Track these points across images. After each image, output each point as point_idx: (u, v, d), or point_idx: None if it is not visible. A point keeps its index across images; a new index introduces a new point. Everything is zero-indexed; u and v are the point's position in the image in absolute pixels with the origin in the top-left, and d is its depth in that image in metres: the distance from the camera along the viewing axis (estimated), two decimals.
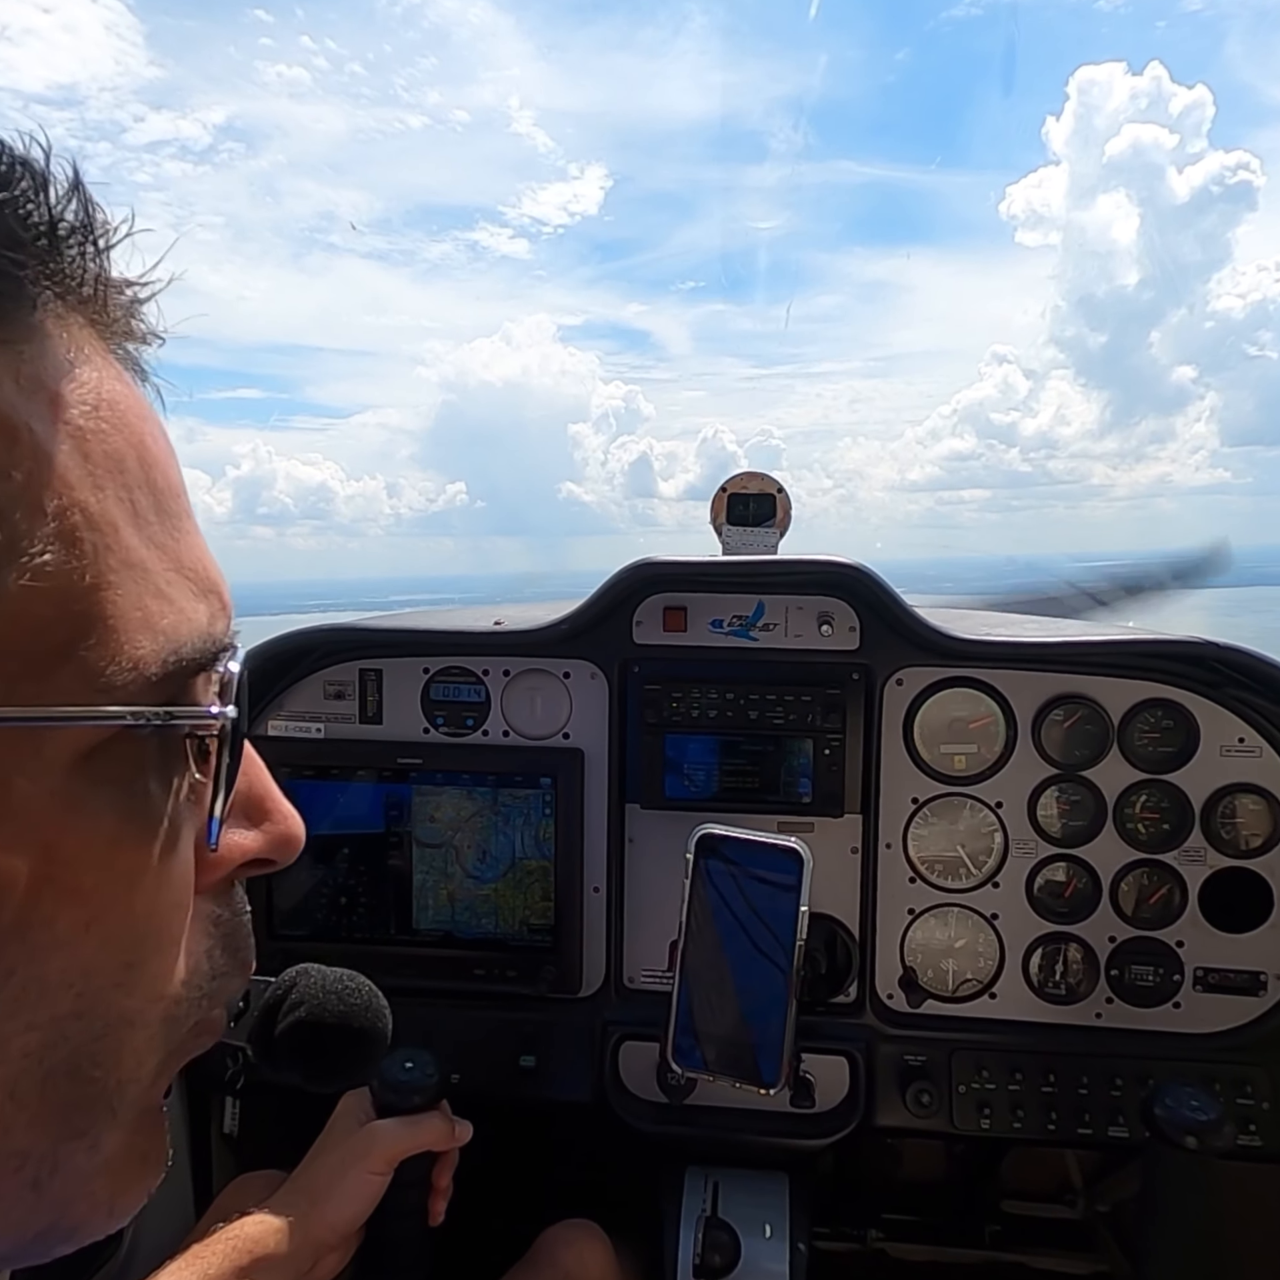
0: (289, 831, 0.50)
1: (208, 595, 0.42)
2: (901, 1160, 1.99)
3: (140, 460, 0.39)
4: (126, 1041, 0.41)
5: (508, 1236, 1.33)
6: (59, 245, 0.38)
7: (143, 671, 0.37)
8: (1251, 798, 1.43)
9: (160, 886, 0.41)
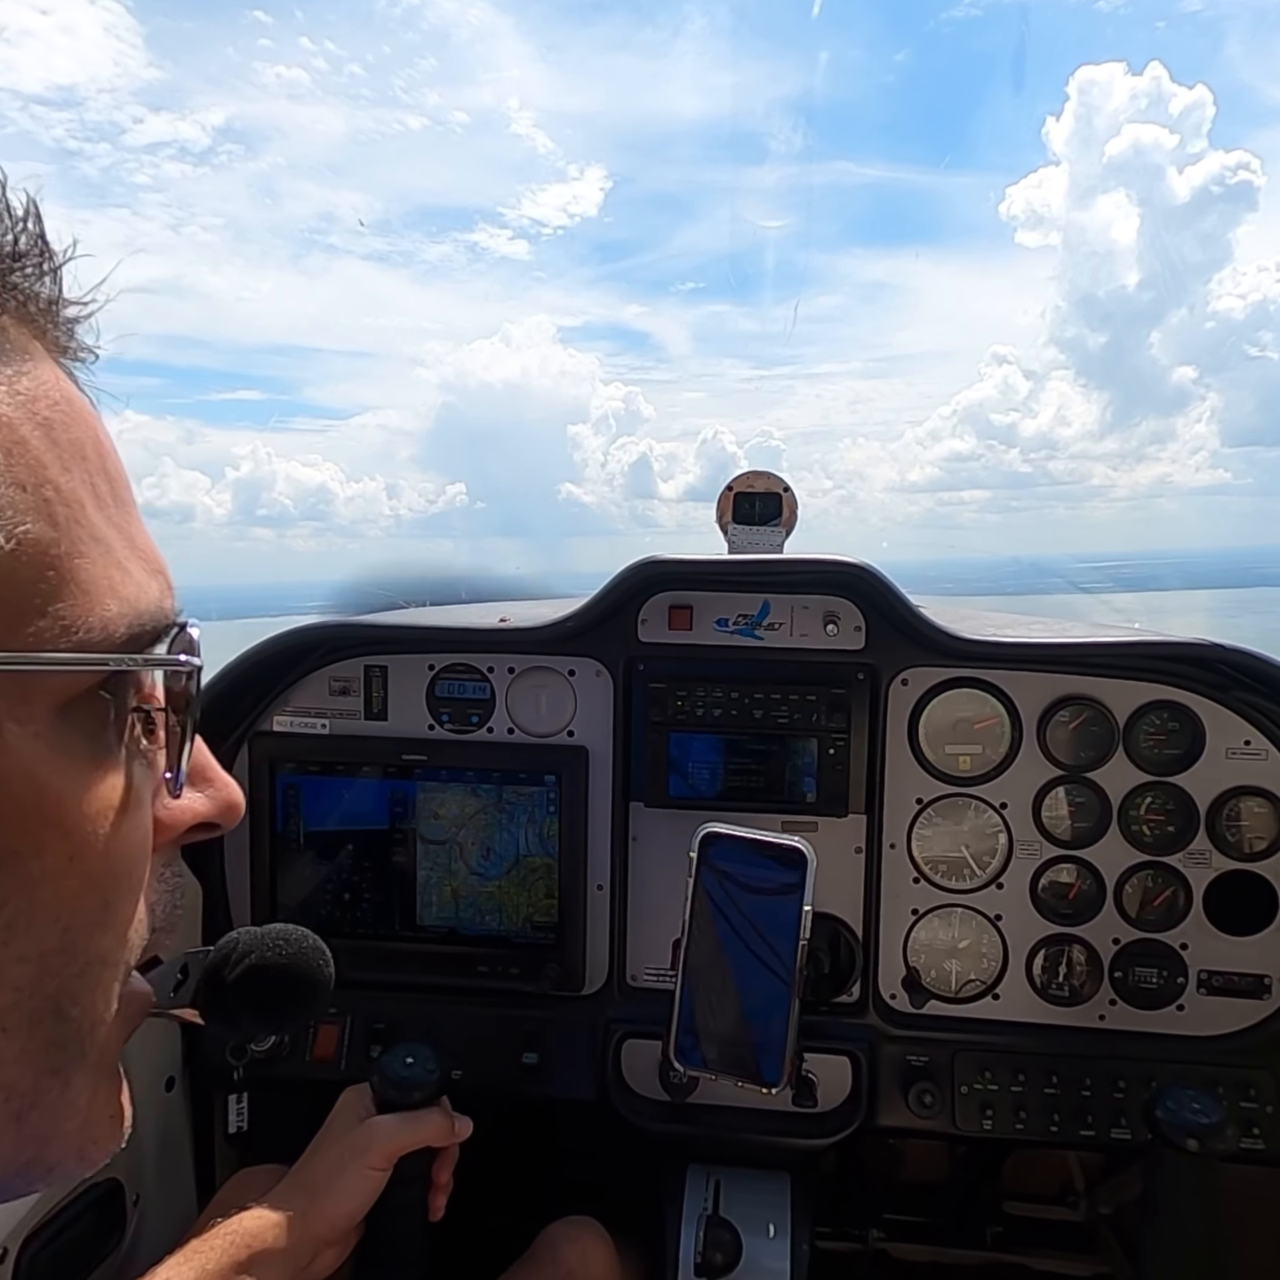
0: (230, 798, 0.54)
1: (156, 575, 0.46)
2: (903, 1161, 1.98)
3: (96, 450, 0.44)
4: (100, 981, 0.45)
5: (509, 1233, 1.33)
6: (15, 267, 0.43)
7: (110, 632, 0.42)
8: (1257, 800, 1.42)
9: (129, 831, 0.45)
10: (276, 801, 1.55)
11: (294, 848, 1.56)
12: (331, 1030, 1.53)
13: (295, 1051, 1.52)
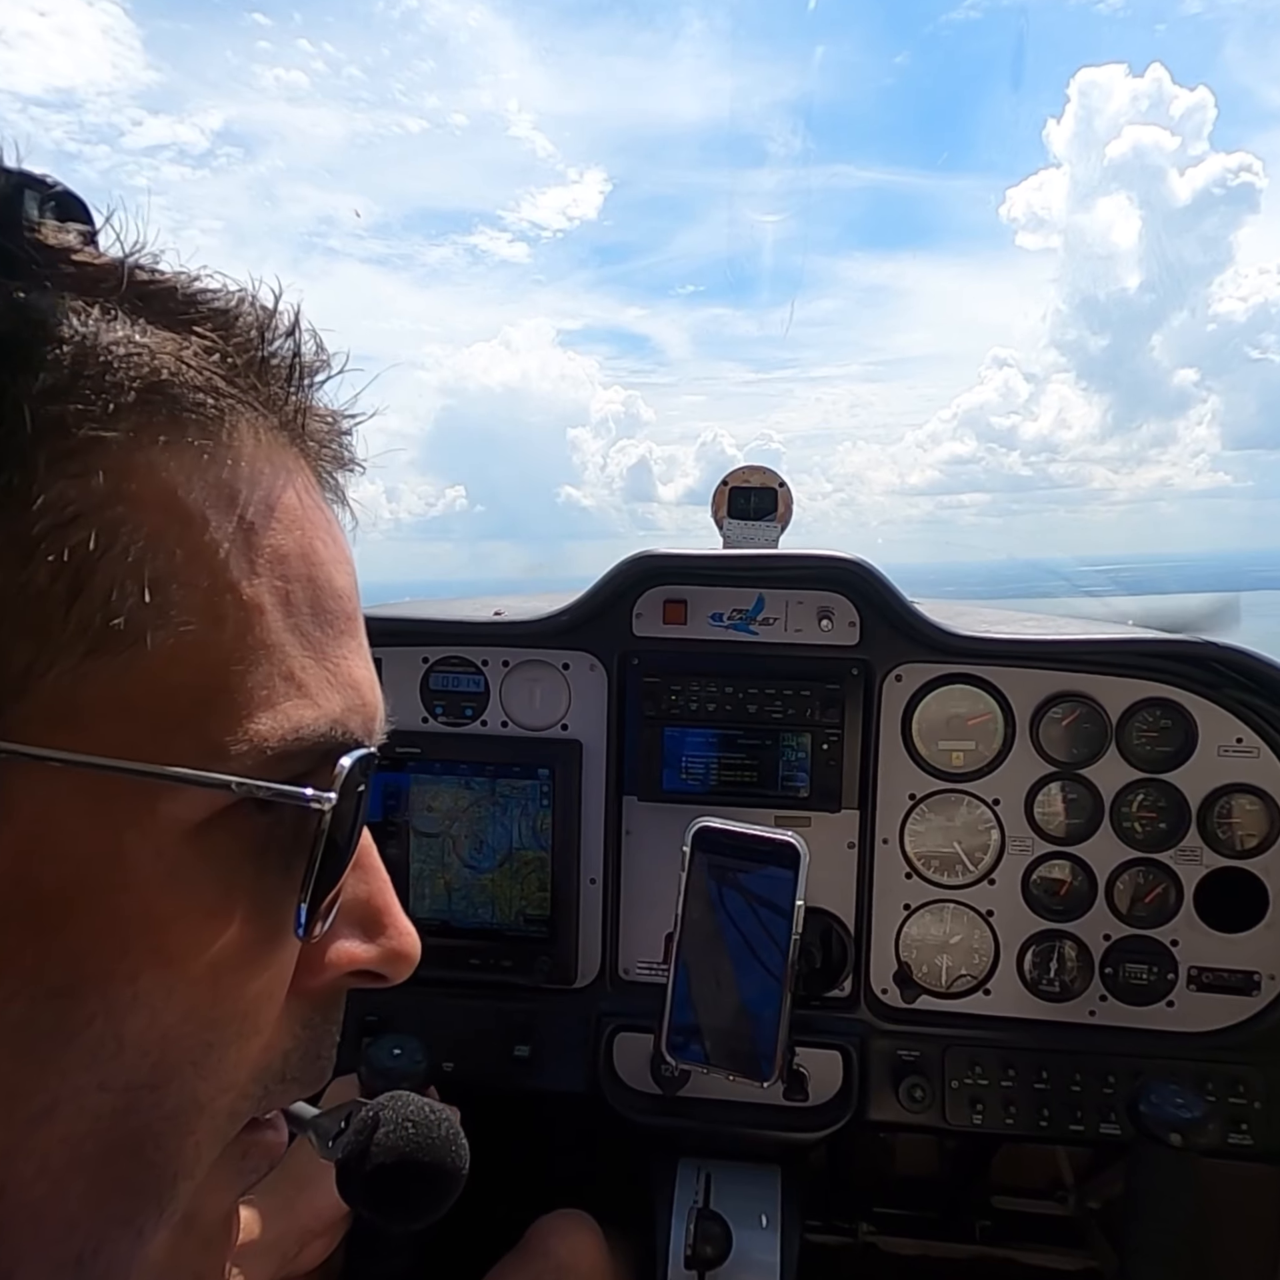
0: (402, 949, 0.49)
1: (346, 689, 0.44)
2: (893, 1155, 1.99)
3: (305, 559, 0.43)
4: (194, 1128, 0.41)
5: (499, 1226, 1.33)
6: (267, 376, 0.44)
7: (258, 746, 0.39)
8: (1248, 798, 1.43)
9: (252, 971, 0.41)
10: None
11: None
12: None
13: None
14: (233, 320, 0.43)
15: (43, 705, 0.35)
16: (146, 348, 0.39)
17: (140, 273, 0.41)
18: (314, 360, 0.47)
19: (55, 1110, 0.37)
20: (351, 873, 0.46)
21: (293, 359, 0.45)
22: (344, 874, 0.45)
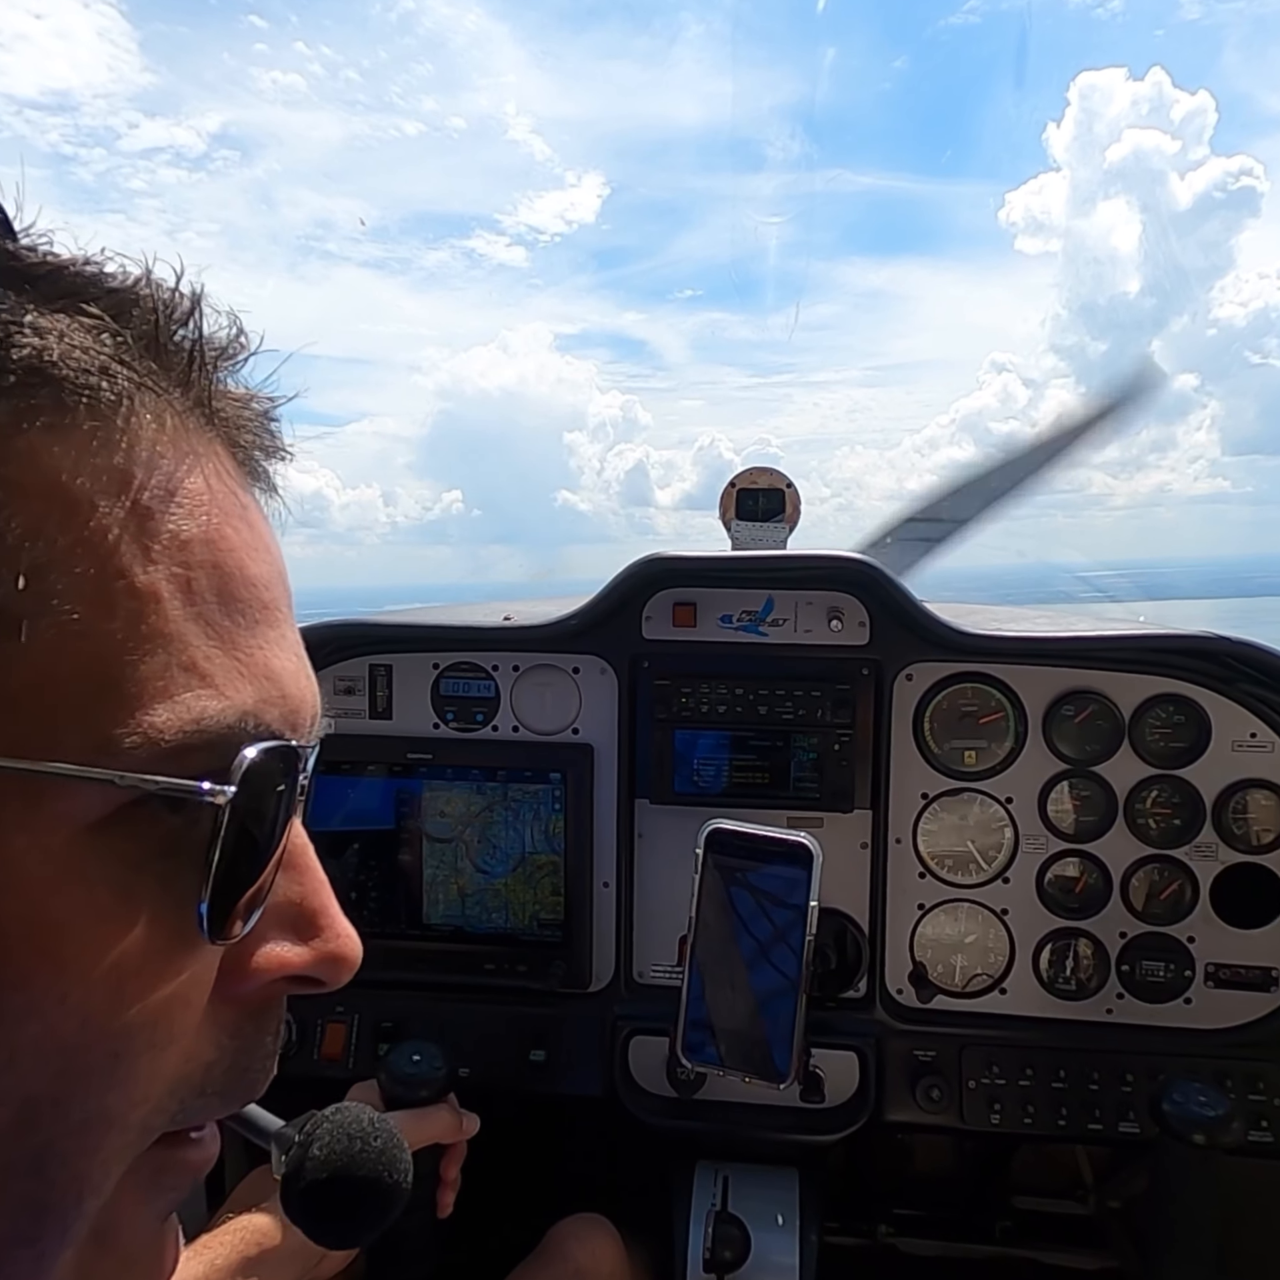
0: (338, 951, 0.46)
1: (259, 680, 0.42)
2: (912, 1155, 1.98)
3: (211, 545, 0.41)
4: (100, 1145, 0.39)
5: (518, 1230, 1.33)
6: (169, 359, 0.42)
7: (152, 739, 0.37)
8: (1263, 793, 1.42)
9: (160, 976, 0.39)
10: None
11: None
12: (339, 1028, 1.54)
13: (303, 1050, 1.52)
14: (129, 301, 0.41)
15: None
16: (30, 328, 0.37)
17: (28, 254, 0.40)
18: (225, 341, 0.45)
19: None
20: (283, 874, 0.45)
21: (196, 340, 0.43)
22: (263, 872, 0.42)
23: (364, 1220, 0.75)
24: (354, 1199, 0.75)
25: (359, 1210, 0.75)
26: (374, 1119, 0.78)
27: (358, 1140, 0.75)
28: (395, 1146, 0.77)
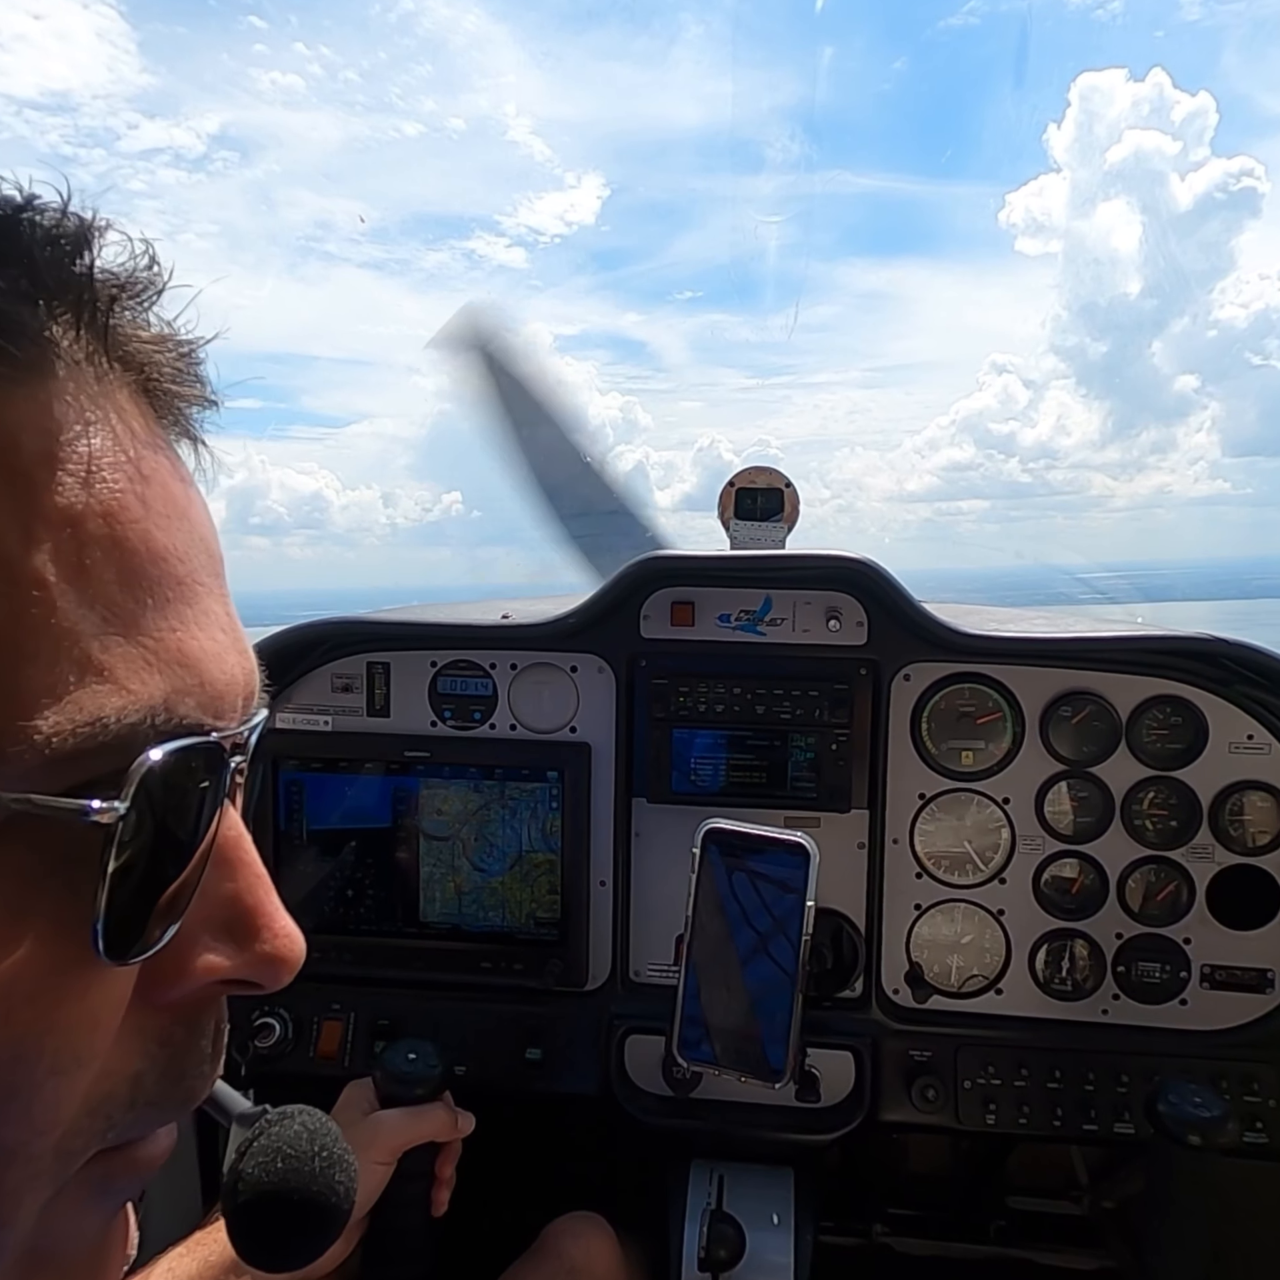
0: (276, 953, 0.42)
1: (171, 668, 0.37)
2: (907, 1155, 1.99)
3: (108, 517, 0.36)
4: (2, 1178, 0.36)
5: (514, 1228, 1.33)
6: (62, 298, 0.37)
7: (38, 746, 0.33)
8: (1260, 795, 1.42)
9: (60, 1000, 0.36)
10: (279, 799, 1.55)
11: (297, 845, 1.56)
12: (335, 1026, 1.54)
13: (299, 1047, 1.52)
14: (6, 233, 0.36)
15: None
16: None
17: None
18: (132, 275, 0.39)
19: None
20: (213, 870, 0.41)
21: (90, 274, 0.37)
22: (178, 878, 0.39)
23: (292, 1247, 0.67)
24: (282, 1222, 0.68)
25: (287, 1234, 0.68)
26: (316, 1133, 0.70)
27: (293, 1159, 0.68)
28: (333, 1165, 0.69)
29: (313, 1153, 0.68)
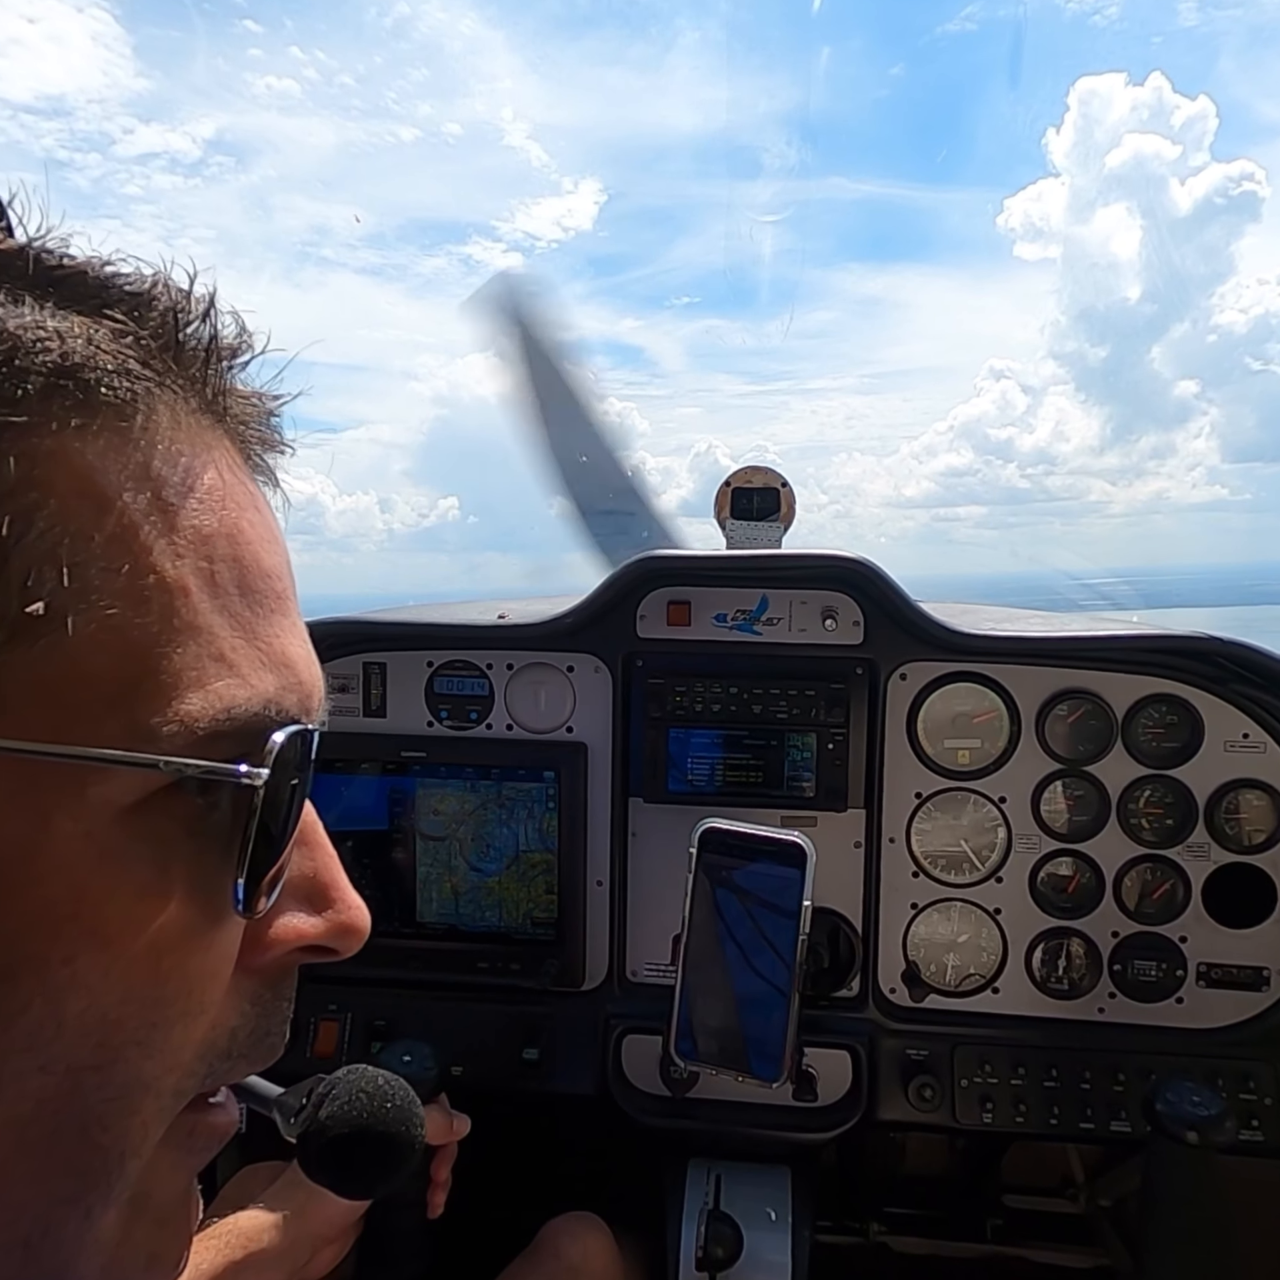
0: (350, 922, 0.49)
1: (279, 668, 0.44)
2: (904, 1154, 1.99)
3: (230, 539, 0.43)
4: (140, 1108, 0.41)
5: (511, 1228, 1.33)
6: (183, 358, 0.43)
7: (189, 726, 0.39)
8: (1255, 793, 1.42)
9: (193, 950, 0.41)
10: None
11: None
12: (331, 1026, 1.53)
13: (296, 1047, 1.52)
14: (146, 303, 0.42)
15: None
16: (55, 332, 0.39)
17: (48, 257, 0.41)
18: (234, 341, 0.46)
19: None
20: (296, 849, 0.47)
21: (210, 340, 0.45)
22: (285, 850, 0.45)
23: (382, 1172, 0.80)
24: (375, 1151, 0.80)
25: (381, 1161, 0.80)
26: (388, 1078, 0.82)
27: (375, 1098, 0.80)
28: (410, 1102, 0.82)
29: (390, 1092, 0.80)
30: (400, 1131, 0.81)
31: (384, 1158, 0.81)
